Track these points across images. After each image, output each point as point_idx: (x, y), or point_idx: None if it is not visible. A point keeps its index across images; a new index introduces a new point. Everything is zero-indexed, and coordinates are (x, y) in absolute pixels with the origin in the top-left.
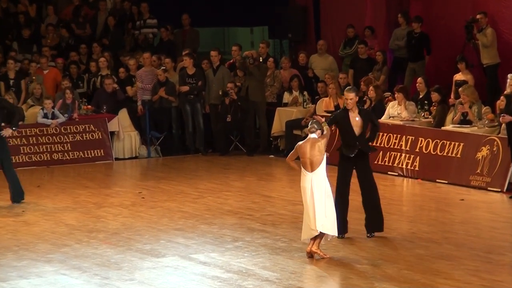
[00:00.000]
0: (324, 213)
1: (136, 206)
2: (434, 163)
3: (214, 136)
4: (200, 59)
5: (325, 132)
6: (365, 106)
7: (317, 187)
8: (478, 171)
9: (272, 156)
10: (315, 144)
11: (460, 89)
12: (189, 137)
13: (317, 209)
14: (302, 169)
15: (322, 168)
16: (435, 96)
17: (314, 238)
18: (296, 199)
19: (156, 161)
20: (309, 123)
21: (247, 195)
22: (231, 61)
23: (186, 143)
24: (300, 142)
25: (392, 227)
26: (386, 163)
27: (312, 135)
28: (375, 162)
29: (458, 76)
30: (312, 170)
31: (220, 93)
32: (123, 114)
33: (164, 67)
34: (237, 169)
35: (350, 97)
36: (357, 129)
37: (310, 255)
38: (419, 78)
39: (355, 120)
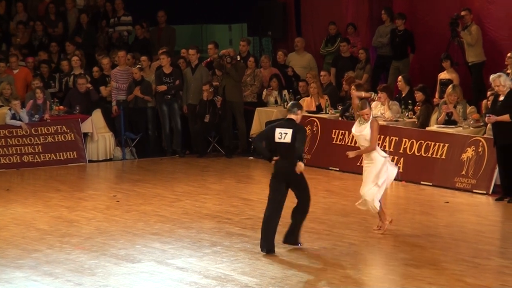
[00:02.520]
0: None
1: (111, 210)
2: (418, 164)
3: (192, 137)
4: (177, 57)
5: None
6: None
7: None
8: (463, 172)
9: (251, 157)
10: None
11: (448, 88)
12: (166, 138)
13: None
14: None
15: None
16: (419, 96)
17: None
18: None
19: (131, 163)
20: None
21: (226, 198)
22: (208, 59)
23: (162, 145)
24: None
25: (376, 231)
26: None
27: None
28: (358, 164)
29: (443, 75)
30: None
31: (210, 90)
32: (97, 115)
33: (140, 65)
34: (215, 171)
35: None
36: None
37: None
38: (399, 77)
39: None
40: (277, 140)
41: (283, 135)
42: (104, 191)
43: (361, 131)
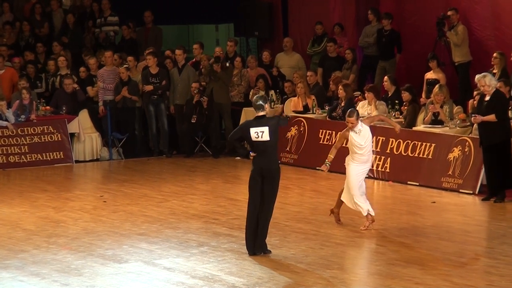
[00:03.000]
0: None
1: (98, 210)
2: (405, 164)
3: (179, 138)
4: (164, 57)
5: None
6: (339, 107)
7: None
8: (450, 172)
9: (238, 158)
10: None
11: (435, 88)
12: (153, 138)
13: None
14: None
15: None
16: (405, 96)
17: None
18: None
19: (118, 164)
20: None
21: (213, 198)
22: (194, 60)
23: (149, 145)
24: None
25: (363, 231)
26: None
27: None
28: (345, 164)
29: (430, 75)
30: None
31: (195, 92)
32: (84, 115)
33: (127, 65)
34: (202, 172)
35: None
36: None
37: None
38: (385, 77)
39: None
40: (253, 139)
41: (260, 133)
42: (91, 192)
43: (365, 137)
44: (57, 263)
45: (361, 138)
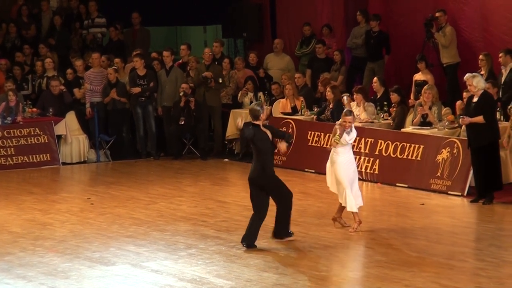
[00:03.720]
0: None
1: (85, 212)
2: (393, 166)
3: (166, 140)
4: (151, 59)
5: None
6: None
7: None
8: (438, 174)
9: (226, 160)
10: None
11: (425, 88)
12: (140, 140)
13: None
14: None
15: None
16: (394, 97)
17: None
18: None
19: (105, 166)
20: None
21: (201, 200)
22: (180, 61)
23: (137, 147)
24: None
25: (351, 234)
26: None
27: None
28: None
29: (418, 76)
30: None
31: (181, 94)
32: (71, 117)
33: (116, 67)
34: (190, 174)
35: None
36: None
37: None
38: (374, 78)
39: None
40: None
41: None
42: (78, 194)
43: (352, 138)
44: (44, 265)
45: (350, 137)
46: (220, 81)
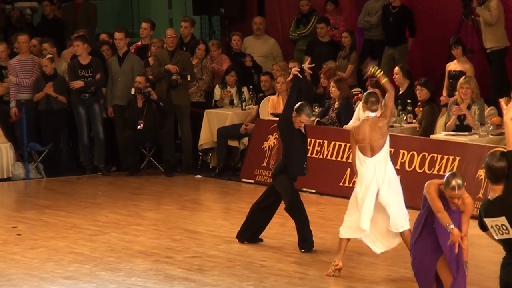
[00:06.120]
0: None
1: (9, 245)
2: (420, 184)
3: (119, 149)
4: (99, 43)
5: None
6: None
7: (380, 176)
8: (480, 195)
9: (199, 176)
10: (376, 125)
11: (462, 81)
12: (84, 150)
13: (365, 205)
14: (361, 155)
15: (385, 152)
16: (422, 93)
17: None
18: (232, 235)
19: (37, 184)
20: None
21: (165, 230)
22: (139, 43)
23: (79, 159)
24: (356, 124)
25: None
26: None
27: (371, 114)
28: (340, 184)
29: (453, 66)
30: (373, 155)
31: (133, 92)
32: None
33: (51, 55)
34: (151, 195)
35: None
36: None
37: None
38: (396, 68)
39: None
40: None
41: None
42: (0, 221)
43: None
44: None
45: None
46: (189, 78)
